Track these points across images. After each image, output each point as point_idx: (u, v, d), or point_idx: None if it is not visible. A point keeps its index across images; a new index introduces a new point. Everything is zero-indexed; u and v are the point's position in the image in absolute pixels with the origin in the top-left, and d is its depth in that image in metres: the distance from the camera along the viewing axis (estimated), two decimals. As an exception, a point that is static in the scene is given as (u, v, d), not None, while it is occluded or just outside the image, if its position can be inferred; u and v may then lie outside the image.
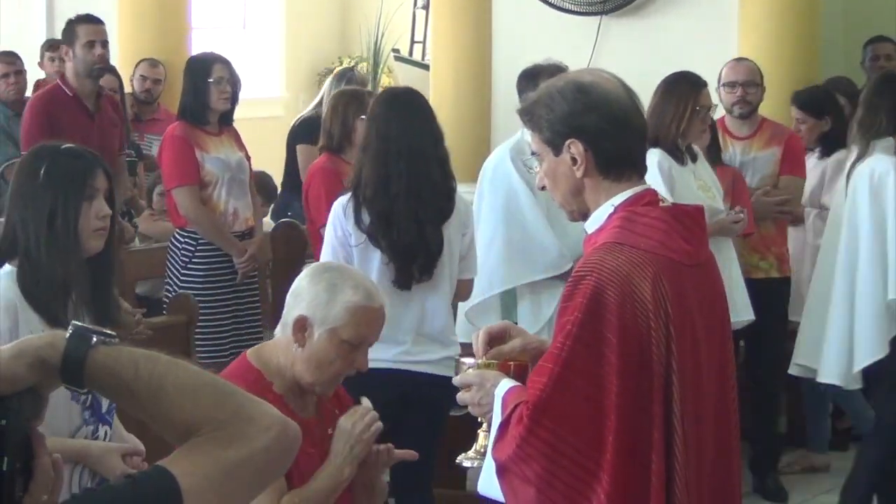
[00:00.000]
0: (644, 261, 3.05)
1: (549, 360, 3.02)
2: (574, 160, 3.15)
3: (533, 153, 3.25)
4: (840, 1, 9.39)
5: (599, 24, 9.26)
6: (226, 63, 7.22)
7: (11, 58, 9.54)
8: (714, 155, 7.03)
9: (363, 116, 6.70)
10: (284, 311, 3.71)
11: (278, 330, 3.73)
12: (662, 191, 6.22)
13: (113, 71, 8.55)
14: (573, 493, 2.99)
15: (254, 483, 1.94)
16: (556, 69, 6.40)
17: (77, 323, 1.96)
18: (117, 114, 7.71)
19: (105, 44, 7.58)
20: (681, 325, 3.06)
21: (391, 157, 5.43)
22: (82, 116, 7.36)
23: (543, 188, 3.25)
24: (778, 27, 8.59)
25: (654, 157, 6.26)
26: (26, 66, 9.66)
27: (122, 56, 9.48)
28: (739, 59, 7.66)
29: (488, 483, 3.11)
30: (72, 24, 7.59)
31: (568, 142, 3.15)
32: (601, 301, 3.00)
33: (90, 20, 7.63)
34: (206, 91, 7.04)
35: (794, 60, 8.56)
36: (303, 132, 8.37)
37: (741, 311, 6.43)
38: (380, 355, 5.01)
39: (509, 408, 3.06)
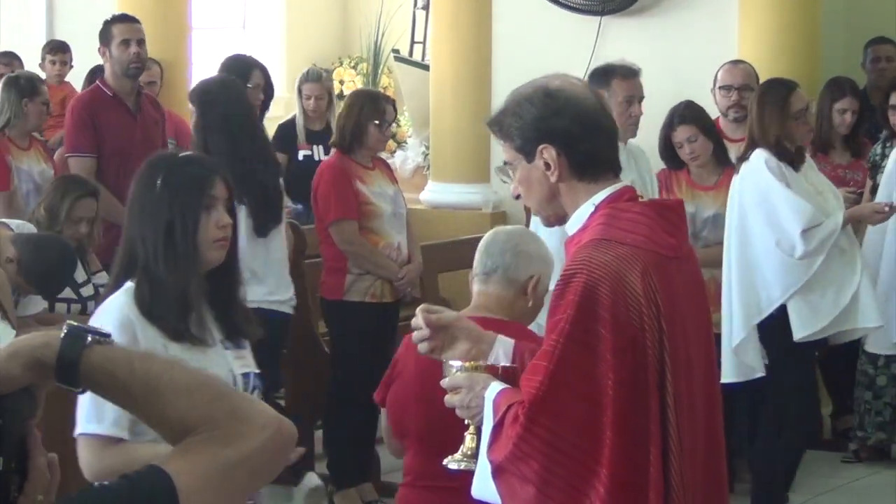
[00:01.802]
0: (632, 255, 3.07)
1: (543, 358, 3.03)
2: (547, 165, 3.16)
3: (505, 163, 3.25)
4: (841, 1, 9.38)
5: (599, 25, 9.25)
6: (264, 70, 7.24)
7: (9, 58, 9.55)
8: (720, 157, 7.02)
9: (377, 122, 6.77)
10: (510, 270, 4.15)
11: (499, 287, 4.15)
12: (777, 186, 6.23)
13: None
14: (572, 489, 2.99)
15: (249, 482, 1.94)
16: (628, 70, 6.39)
17: (72, 322, 1.96)
18: (157, 111, 7.69)
19: (141, 42, 7.54)
20: (671, 318, 3.07)
21: (237, 128, 6.43)
22: (125, 116, 7.37)
23: (518, 197, 3.26)
24: (778, 27, 8.57)
25: (761, 156, 6.31)
26: (27, 68, 9.65)
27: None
28: (735, 62, 7.63)
29: (482, 486, 3.10)
30: (107, 24, 7.56)
31: (540, 147, 3.16)
32: (593, 297, 3.01)
33: (125, 19, 7.60)
34: None
35: (794, 60, 8.54)
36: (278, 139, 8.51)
37: (870, 317, 6.43)
38: (249, 297, 6.14)
39: (502, 409, 3.06)
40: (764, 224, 6.32)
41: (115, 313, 3.56)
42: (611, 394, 2.97)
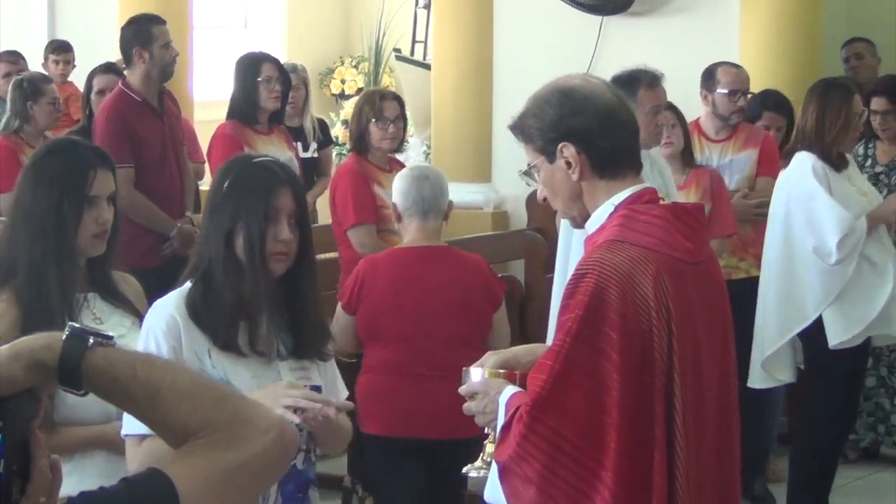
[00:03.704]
0: (645, 258, 3.06)
1: (549, 358, 3.02)
2: (568, 164, 3.16)
3: (529, 166, 3.26)
4: (841, 2, 9.38)
5: (601, 24, 9.25)
6: (275, 62, 7.25)
7: (14, 57, 9.55)
8: (687, 158, 7.02)
9: (374, 119, 6.76)
10: (442, 205, 5.51)
11: (436, 221, 5.50)
12: (821, 192, 6.16)
13: (115, 71, 8.53)
14: (574, 491, 2.98)
15: (251, 486, 1.94)
16: (653, 77, 6.34)
17: (74, 324, 1.96)
18: (176, 106, 7.67)
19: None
20: (682, 322, 3.06)
21: None
22: (154, 119, 7.32)
23: (545, 200, 3.26)
24: (779, 27, 8.58)
25: (807, 160, 6.21)
26: (30, 67, 9.65)
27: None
28: (740, 67, 7.55)
29: (494, 489, 3.10)
30: (143, 26, 7.36)
31: (560, 146, 3.16)
32: (603, 298, 3.00)
33: (159, 21, 7.45)
34: (255, 90, 7.06)
35: (795, 60, 8.55)
36: None
37: None
38: None
39: (511, 410, 3.06)
40: (805, 229, 6.23)
41: (162, 313, 3.52)
42: (615, 396, 2.96)
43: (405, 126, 7.06)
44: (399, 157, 7.68)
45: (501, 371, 3.22)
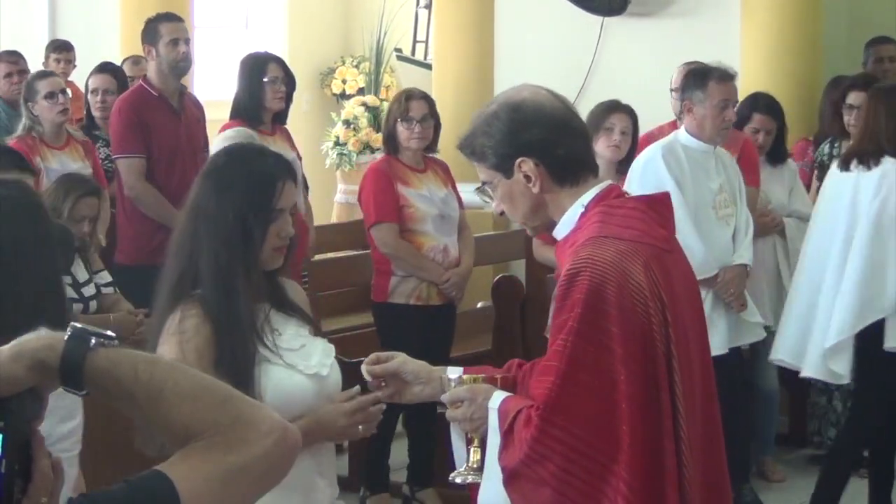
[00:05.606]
0: (632, 250, 3.07)
1: (554, 359, 3.02)
2: (528, 178, 3.16)
3: (483, 183, 3.25)
4: (843, 2, 9.38)
5: (602, 24, 9.26)
6: (280, 62, 7.26)
7: (15, 57, 9.53)
8: (626, 164, 6.95)
9: (400, 119, 6.77)
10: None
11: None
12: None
13: (110, 70, 8.54)
14: (590, 488, 2.98)
15: (252, 488, 1.93)
16: (725, 73, 6.30)
17: (76, 324, 1.95)
18: (199, 110, 7.69)
19: (188, 41, 7.53)
20: (673, 310, 3.08)
21: None
22: (170, 116, 7.36)
23: (502, 213, 3.26)
24: (780, 26, 8.58)
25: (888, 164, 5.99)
26: (29, 67, 9.64)
27: (125, 55, 9.47)
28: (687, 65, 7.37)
29: (490, 495, 3.10)
30: (153, 24, 7.50)
31: (518, 161, 3.16)
32: (600, 294, 3.01)
33: (171, 18, 7.54)
34: (260, 90, 7.07)
35: (796, 60, 8.55)
36: None
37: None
38: None
39: (510, 415, 3.06)
40: None
41: None
42: (623, 389, 2.97)
43: (437, 125, 6.97)
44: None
45: (482, 376, 3.22)
